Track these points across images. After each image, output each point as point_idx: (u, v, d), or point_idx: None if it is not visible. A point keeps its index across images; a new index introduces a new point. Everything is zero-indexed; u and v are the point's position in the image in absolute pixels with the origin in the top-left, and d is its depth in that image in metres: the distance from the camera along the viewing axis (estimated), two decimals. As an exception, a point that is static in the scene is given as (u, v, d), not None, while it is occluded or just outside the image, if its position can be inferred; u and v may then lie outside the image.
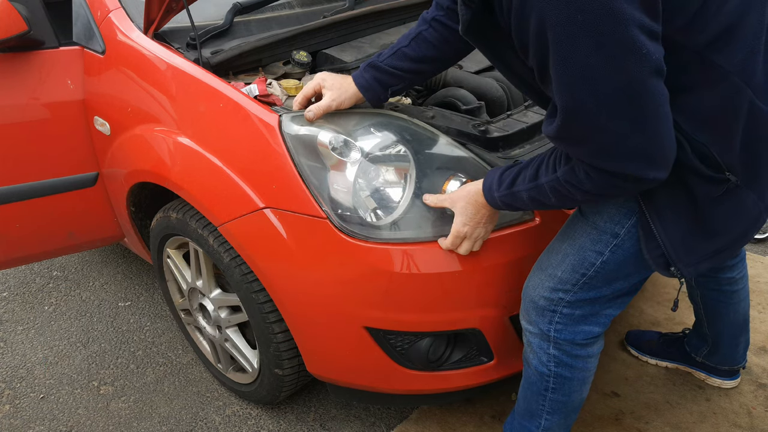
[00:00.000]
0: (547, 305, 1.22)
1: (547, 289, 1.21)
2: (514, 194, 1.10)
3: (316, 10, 1.91)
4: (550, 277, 1.21)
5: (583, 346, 1.25)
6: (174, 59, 1.53)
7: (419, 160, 1.30)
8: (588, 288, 1.18)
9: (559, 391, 1.30)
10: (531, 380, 1.34)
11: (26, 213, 1.81)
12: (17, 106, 1.69)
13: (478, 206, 1.19)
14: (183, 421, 1.82)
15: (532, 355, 1.30)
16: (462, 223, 1.20)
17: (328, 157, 1.29)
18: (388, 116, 1.38)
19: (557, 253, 1.20)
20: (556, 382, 1.29)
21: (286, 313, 1.43)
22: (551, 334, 1.24)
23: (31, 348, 2.16)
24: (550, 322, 1.23)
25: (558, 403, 1.32)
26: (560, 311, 1.22)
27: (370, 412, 1.80)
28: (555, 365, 1.27)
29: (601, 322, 1.24)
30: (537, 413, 1.36)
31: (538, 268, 1.25)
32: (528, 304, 1.27)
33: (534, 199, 1.08)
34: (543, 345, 1.27)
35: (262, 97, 1.45)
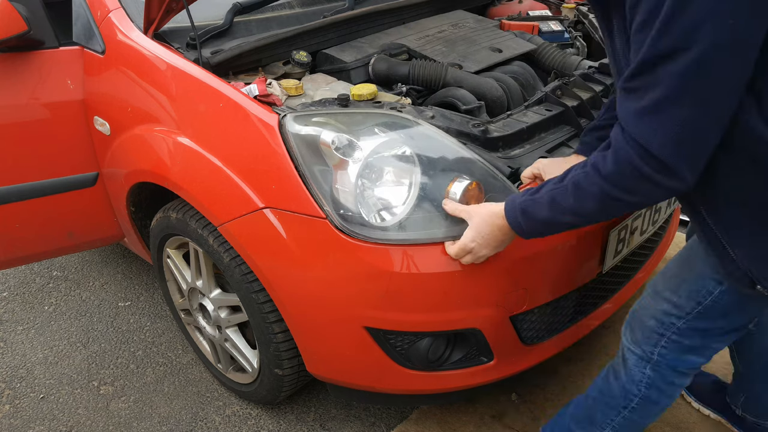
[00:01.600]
0: (656, 328, 1.19)
1: (659, 312, 1.18)
2: (535, 200, 1.07)
3: (316, 10, 1.91)
4: (665, 300, 1.18)
5: (682, 375, 1.23)
6: (174, 59, 1.53)
7: (423, 161, 1.30)
8: (702, 318, 1.14)
9: (638, 412, 1.28)
10: (611, 393, 1.30)
11: (26, 213, 1.81)
12: (17, 106, 1.69)
13: (493, 227, 1.16)
14: (183, 421, 1.82)
15: (624, 371, 1.27)
16: (471, 239, 1.19)
17: (331, 156, 1.29)
18: (392, 116, 1.37)
19: (674, 278, 1.17)
20: (640, 403, 1.26)
21: (285, 313, 1.43)
22: (654, 357, 1.21)
23: (31, 348, 2.16)
24: (655, 345, 1.21)
25: (630, 422, 1.30)
26: (669, 336, 1.19)
27: (370, 412, 1.80)
28: (646, 387, 1.24)
29: (707, 354, 1.21)
30: (599, 425, 1.33)
31: (653, 290, 1.22)
32: (635, 323, 1.24)
33: (552, 200, 1.03)
34: (640, 365, 1.24)
35: (262, 97, 1.45)
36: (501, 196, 1.29)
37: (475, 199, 1.28)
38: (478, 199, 1.28)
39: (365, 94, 1.48)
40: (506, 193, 1.30)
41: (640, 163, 0.89)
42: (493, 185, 1.30)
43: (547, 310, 1.45)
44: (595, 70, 1.78)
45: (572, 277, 1.45)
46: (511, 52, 1.87)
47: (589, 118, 1.61)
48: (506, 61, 1.84)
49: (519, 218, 1.10)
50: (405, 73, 1.69)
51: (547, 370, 1.87)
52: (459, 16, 2.09)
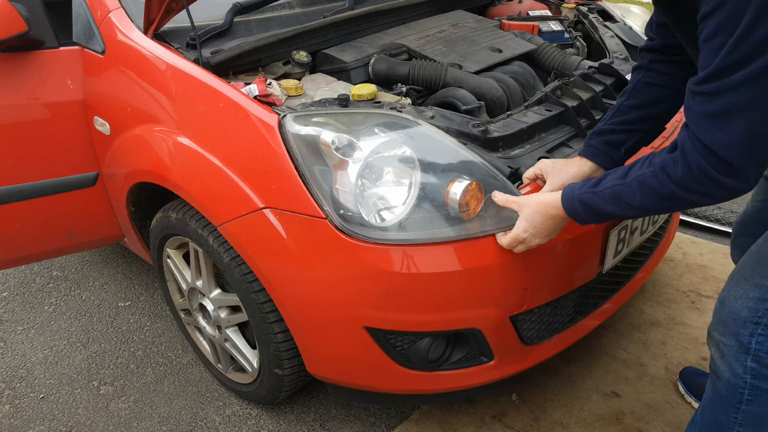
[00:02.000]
0: (751, 316, 1.18)
1: (752, 299, 1.18)
2: (596, 193, 1.11)
3: (316, 10, 1.91)
4: (757, 286, 1.17)
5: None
6: (174, 59, 1.53)
7: (423, 161, 1.30)
8: None
9: (755, 403, 1.25)
10: (720, 393, 1.29)
11: (26, 213, 1.81)
12: (17, 106, 1.69)
13: (546, 217, 1.20)
14: (183, 421, 1.82)
15: (724, 367, 1.26)
16: (524, 229, 1.22)
17: (331, 156, 1.29)
18: (392, 117, 1.37)
19: (761, 262, 1.17)
20: (752, 394, 1.24)
21: (285, 313, 1.43)
22: (752, 345, 1.20)
23: (31, 348, 2.16)
24: (751, 335, 1.19)
25: (753, 414, 1.27)
26: (765, 323, 1.17)
27: (370, 412, 1.80)
28: (752, 377, 1.22)
29: None
30: (727, 426, 1.30)
31: (741, 277, 1.21)
32: (726, 315, 1.23)
33: (616, 196, 1.08)
34: (740, 357, 1.22)
35: (262, 97, 1.45)
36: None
37: (475, 199, 1.28)
38: (478, 200, 1.28)
39: (365, 94, 1.48)
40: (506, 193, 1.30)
41: (708, 167, 0.94)
42: (493, 185, 1.30)
43: (547, 310, 1.45)
44: (595, 70, 1.78)
45: (572, 277, 1.45)
46: (511, 52, 1.87)
47: (589, 118, 1.61)
48: (506, 61, 1.84)
49: (578, 209, 1.15)
50: (405, 73, 1.69)
51: (547, 370, 1.87)
52: (459, 16, 2.10)
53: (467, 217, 1.28)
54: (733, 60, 0.87)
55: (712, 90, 0.91)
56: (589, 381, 1.84)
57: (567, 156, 1.50)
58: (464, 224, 1.26)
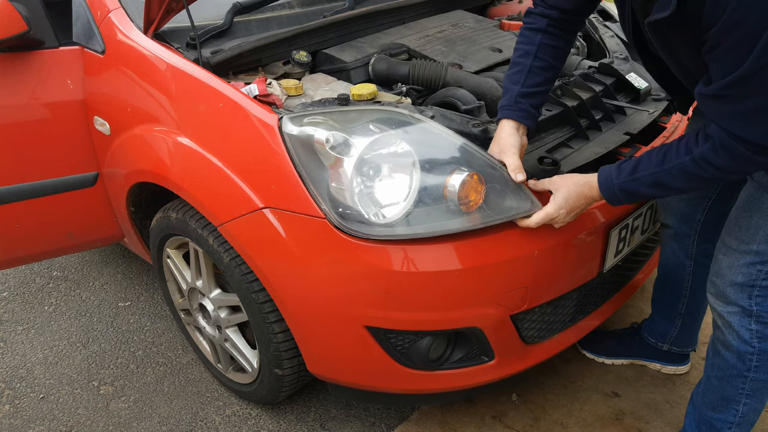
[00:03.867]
0: (746, 281, 1.26)
1: (743, 265, 1.25)
2: (636, 180, 1.18)
3: (316, 10, 1.91)
4: (745, 253, 1.24)
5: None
6: (174, 59, 1.53)
7: (421, 155, 1.30)
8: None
9: (762, 369, 1.32)
10: (729, 364, 1.35)
11: (26, 213, 1.81)
12: (17, 106, 1.69)
13: (580, 196, 1.25)
14: (183, 421, 1.82)
15: (732, 336, 1.32)
16: (558, 207, 1.26)
17: (327, 155, 1.29)
18: (387, 112, 1.37)
19: (747, 229, 1.24)
20: (760, 359, 1.31)
21: (286, 312, 1.42)
22: (753, 308, 1.27)
23: (31, 348, 2.16)
24: (750, 297, 1.26)
25: (759, 382, 1.34)
26: (759, 284, 1.24)
27: (370, 412, 1.80)
28: (758, 340, 1.29)
29: None
30: (734, 399, 1.37)
31: (728, 249, 1.29)
32: (723, 286, 1.30)
33: (658, 183, 1.16)
34: (744, 322, 1.29)
35: (262, 97, 1.45)
36: (500, 187, 1.29)
37: (475, 190, 1.27)
38: (477, 191, 1.27)
39: (365, 93, 1.47)
40: (506, 184, 1.30)
41: (748, 153, 1.03)
42: (492, 176, 1.29)
43: (548, 309, 1.45)
44: (595, 70, 1.78)
45: (573, 276, 1.45)
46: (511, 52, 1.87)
47: (589, 118, 1.61)
48: (506, 61, 1.84)
49: (618, 195, 1.22)
50: (405, 73, 1.69)
51: (547, 370, 1.87)
52: (459, 16, 2.09)
53: (468, 209, 1.27)
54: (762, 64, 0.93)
55: (743, 92, 0.98)
56: (589, 381, 1.84)
57: (567, 156, 1.50)
58: (465, 217, 1.26)
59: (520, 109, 1.35)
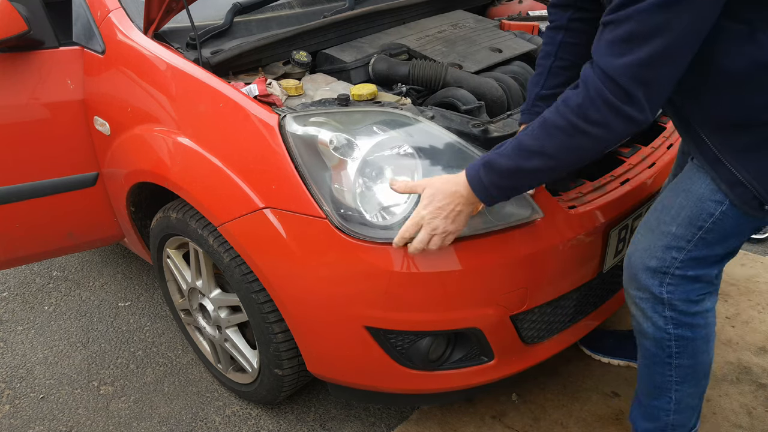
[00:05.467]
0: (659, 266, 1.21)
1: (659, 248, 1.20)
2: (500, 152, 1.07)
3: (316, 10, 1.91)
4: (663, 234, 1.19)
5: (698, 302, 1.23)
6: (174, 59, 1.53)
7: (423, 157, 1.30)
8: (703, 244, 1.17)
9: (684, 354, 1.27)
10: (651, 352, 1.30)
11: (26, 213, 1.81)
12: (17, 106, 1.69)
13: (446, 194, 1.13)
14: (183, 421, 1.82)
15: (647, 324, 1.27)
16: (423, 206, 1.15)
17: (330, 156, 1.29)
18: (391, 114, 1.37)
19: (670, 208, 1.19)
20: (679, 345, 1.26)
21: (286, 313, 1.42)
22: (664, 295, 1.22)
23: (31, 348, 2.16)
24: (661, 284, 1.22)
25: (686, 368, 1.29)
26: (672, 272, 1.20)
27: (370, 412, 1.80)
28: (674, 326, 1.24)
29: (713, 279, 1.23)
30: (666, 387, 1.32)
31: (647, 229, 1.24)
32: (636, 269, 1.25)
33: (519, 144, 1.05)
34: (657, 308, 1.24)
35: (262, 97, 1.45)
36: None
37: None
38: None
39: (365, 94, 1.48)
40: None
41: (606, 92, 0.95)
42: None
43: (548, 309, 1.45)
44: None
45: (573, 276, 1.45)
46: (511, 52, 1.87)
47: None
48: (506, 61, 1.84)
49: (480, 174, 1.09)
50: (405, 73, 1.69)
51: (547, 370, 1.87)
52: (459, 16, 2.09)
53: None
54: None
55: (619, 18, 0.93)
56: (589, 381, 1.84)
57: None
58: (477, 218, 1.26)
59: (537, 113, 1.31)
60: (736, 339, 1.96)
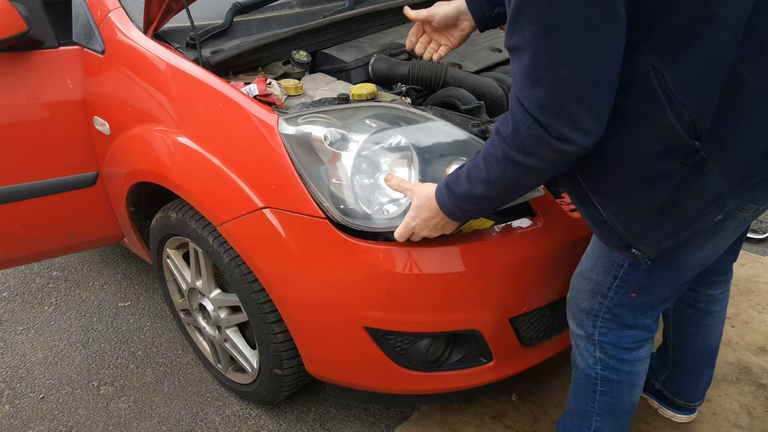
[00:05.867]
0: (590, 309, 1.21)
1: (587, 292, 1.21)
2: (458, 175, 1.06)
3: (316, 10, 1.91)
4: (588, 280, 1.20)
5: (629, 350, 1.24)
6: (174, 59, 1.53)
7: (419, 148, 1.30)
8: (623, 292, 1.16)
9: (607, 394, 1.29)
10: (579, 382, 1.33)
11: (26, 213, 1.81)
12: (17, 105, 1.69)
13: (429, 210, 1.13)
14: (183, 421, 1.82)
15: (579, 358, 1.30)
16: (412, 218, 1.16)
17: (325, 152, 1.29)
18: (383, 107, 1.38)
19: (590, 257, 1.19)
20: (604, 385, 1.28)
21: (285, 313, 1.42)
22: (596, 337, 1.23)
23: (31, 348, 2.16)
24: (594, 326, 1.22)
25: (607, 405, 1.31)
26: (602, 316, 1.20)
27: (370, 412, 1.80)
28: (602, 368, 1.26)
29: (647, 326, 1.22)
30: (587, 415, 1.34)
31: (579, 270, 1.24)
32: (573, 307, 1.26)
33: (469, 171, 1.03)
34: (589, 348, 1.26)
35: (262, 96, 1.45)
36: None
37: None
38: None
39: (365, 93, 1.47)
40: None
41: (529, 123, 0.89)
42: None
43: (547, 311, 1.45)
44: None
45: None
46: (511, 52, 1.87)
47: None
48: (506, 61, 1.84)
49: (444, 195, 1.09)
50: (405, 73, 1.69)
51: (547, 370, 1.87)
52: (459, 16, 2.09)
53: None
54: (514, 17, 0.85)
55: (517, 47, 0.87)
56: (589, 381, 1.84)
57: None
58: None
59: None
60: (736, 339, 1.96)
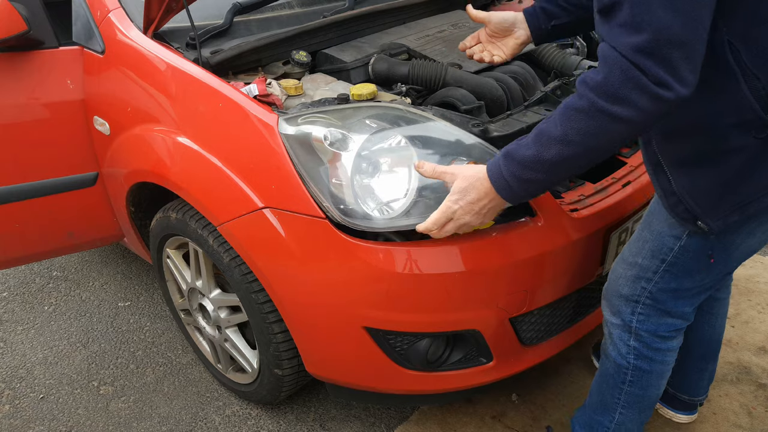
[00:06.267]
0: (630, 295, 1.22)
1: (629, 278, 1.21)
2: (520, 143, 1.01)
3: (316, 10, 1.91)
4: (632, 265, 1.20)
5: (664, 339, 1.25)
6: (174, 59, 1.53)
7: (419, 147, 1.30)
8: (668, 277, 1.17)
9: (636, 384, 1.29)
10: (608, 372, 1.33)
11: (26, 213, 1.81)
12: (17, 105, 1.69)
13: (475, 189, 1.07)
14: (183, 421, 1.82)
15: (611, 347, 1.30)
16: (454, 200, 1.10)
17: (325, 152, 1.29)
18: (383, 107, 1.38)
19: (638, 240, 1.20)
20: (635, 375, 1.28)
21: (285, 313, 1.42)
22: (633, 324, 1.24)
23: (31, 348, 2.16)
24: (632, 313, 1.23)
25: (634, 396, 1.31)
26: (643, 302, 1.21)
27: (370, 412, 1.80)
28: (635, 357, 1.26)
29: (685, 315, 1.23)
30: (611, 407, 1.35)
31: (621, 257, 1.25)
32: (611, 294, 1.27)
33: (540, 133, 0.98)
34: (624, 336, 1.26)
35: (262, 96, 1.45)
36: None
37: None
38: None
39: (365, 93, 1.47)
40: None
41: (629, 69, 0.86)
42: None
43: (547, 311, 1.45)
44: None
45: (573, 278, 1.45)
46: (511, 52, 1.87)
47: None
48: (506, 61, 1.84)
49: (501, 166, 1.02)
50: (405, 73, 1.69)
51: (547, 370, 1.87)
52: (459, 16, 2.09)
53: None
54: None
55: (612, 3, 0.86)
56: (589, 381, 1.84)
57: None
58: None
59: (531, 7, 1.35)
60: (736, 339, 1.96)
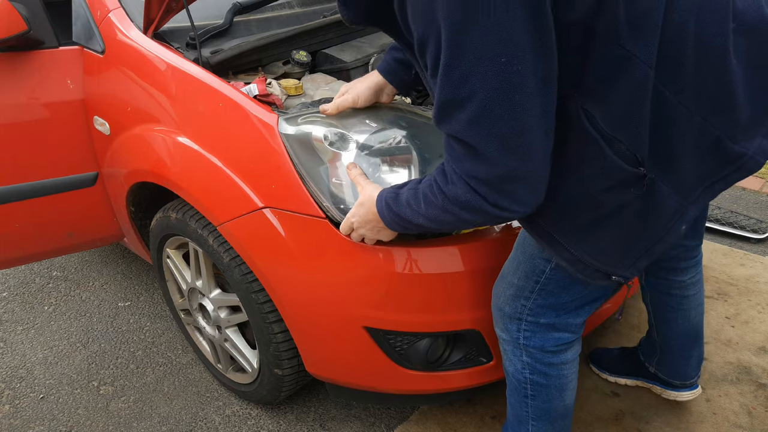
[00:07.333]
0: (513, 313, 1.21)
1: (509, 297, 1.21)
2: (398, 195, 1.06)
3: (316, 10, 1.91)
4: (510, 285, 1.20)
5: (554, 353, 1.24)
6: (174, 59, 1.53)
7: (418, 146, 1.30)
8: (546, 294, 1.16)
9: (538, 398, 1.29)
10: (512, 387, 1.33)
11: (26, 213, 1.81)
12: (17, 105, 1.69)
13: (369, 210, 1.14)
14: (183, 421, 1.82)
15: (508, 363, 1.30)
16: (353, 214, 1.18)
17: (325, 152, 1.29)
18: (383, 108, 1.38)
19: (512, 261, 1.20)
20: (534, 389, 1.28)
21: (285, 313, 1.42)
22: (521, 341, 1.23)
23: (31, 348, 2.16)
24: (518, 330, 1.22)
25: (540, 410, 1.31)
26: (525, 319, 1.20)
27: (370, 412, 1.80)
28: (530, 372, 1.26)
29: (571, 327, 1.22)
30: (524, 419, 1.35)
31: (500, 275, 1.24)
32: (497, 312, 1.26)
33: (408, 202, 1.03)
34: (516, 352, 1.26)
35: (262, 96, 1.45)
36: None
37: None
38: None
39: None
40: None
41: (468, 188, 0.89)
42: None
43: (547, 310, 1.45)
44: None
45: (572, 277, 1.45)
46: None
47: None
48: None
49: (384, 209, 1.09)
50: (405, 73, 1.69)
51: (547, 370, 1.87)
52: (459, 16, 2.09)
53: None
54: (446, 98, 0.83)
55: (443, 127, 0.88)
56: (589, 381, 1.84)
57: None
58: None
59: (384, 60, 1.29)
60: (736, 339, 1.96)
